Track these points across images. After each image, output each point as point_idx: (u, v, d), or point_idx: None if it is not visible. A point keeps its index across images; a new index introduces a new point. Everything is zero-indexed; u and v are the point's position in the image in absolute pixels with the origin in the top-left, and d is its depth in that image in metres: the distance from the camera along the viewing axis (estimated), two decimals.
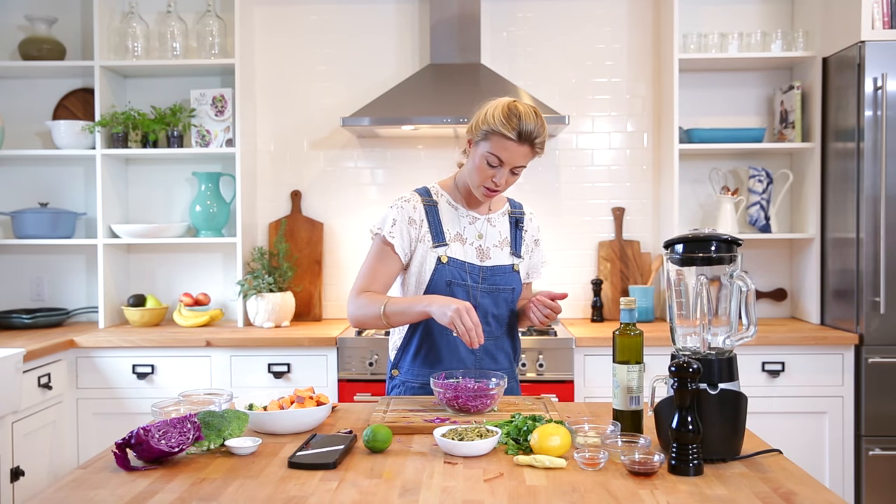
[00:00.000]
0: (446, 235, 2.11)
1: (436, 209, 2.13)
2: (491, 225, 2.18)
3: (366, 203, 3.85)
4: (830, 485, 3.20)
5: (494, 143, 1.98)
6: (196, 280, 3.88)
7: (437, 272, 2.09)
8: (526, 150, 2.00)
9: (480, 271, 2.11)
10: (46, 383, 3.08)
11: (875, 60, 3.15)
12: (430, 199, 2.15)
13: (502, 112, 1.97)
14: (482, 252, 2.14)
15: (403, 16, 3.84)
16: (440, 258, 2.09)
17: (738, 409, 1.58)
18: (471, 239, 2.14)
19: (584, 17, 3.82)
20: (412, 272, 2.12)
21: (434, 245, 2.10)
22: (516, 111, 1.97)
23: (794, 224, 3.73)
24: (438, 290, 2.08)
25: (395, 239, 2.08)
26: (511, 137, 1.96)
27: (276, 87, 3.88)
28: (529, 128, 1.96)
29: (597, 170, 3.84)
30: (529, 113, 1.98)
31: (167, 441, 1.55)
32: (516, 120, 1.96)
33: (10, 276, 3.86)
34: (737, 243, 1.63)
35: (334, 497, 1.39)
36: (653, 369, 2.88)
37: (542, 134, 2.00)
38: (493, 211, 2.20)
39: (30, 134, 3.84)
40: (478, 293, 2.10)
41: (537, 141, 1.99)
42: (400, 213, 2.10)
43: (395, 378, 2.18)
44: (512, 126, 1.95)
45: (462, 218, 2.15)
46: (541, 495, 1.39)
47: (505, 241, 2.18)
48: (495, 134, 1.97)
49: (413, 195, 2.15)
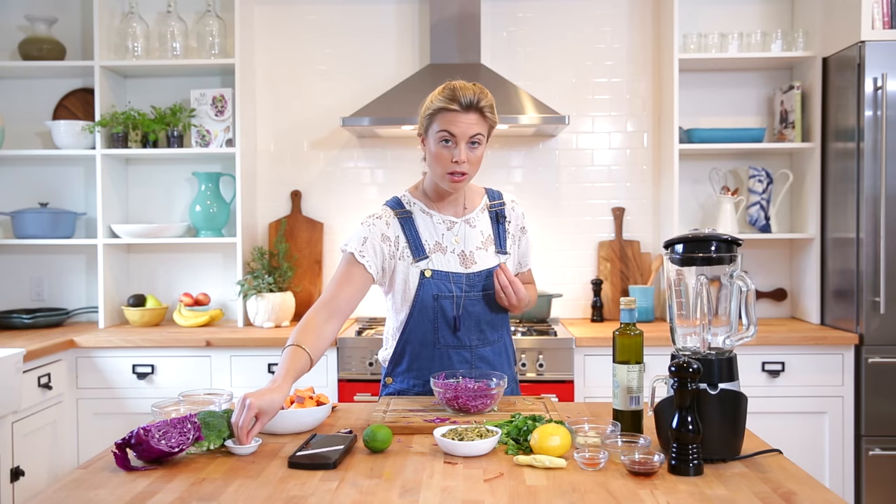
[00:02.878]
0: (426, 247, 2.06)
1: (411, 220, 2.08)
2: (470, 226, 2.11)
3: (366, 203, 3.85)
4: (830, 485, 3.20)
5: (441, 120, 1.96)
6: (196, 280, 3.88)
7: (423, 287, 2.04)
8: (474, 118, 1.96)
9: (466, 279, 2.06)
10: (46, 383, 3.08)
11: (875, 60, 3.15)
12: (404, 211, 2.09)
13: (439, 91, 1.98)
14: (465, 258, 2.08)
15: (403, 16, 3.84)
16: (423, 272, 2.04)
17: (738, 409, 1.58)
18: (451, 246, 2.08)
19: (584, 17, 3.83)
20: (397, 290, 2.07)
21: (415, 260, 2.05)
22: (452, 84, 1.97)
23: (794, 224, 3.73)
24: (426, 304, 2.04)
25: (366, 258, 2.01)
26: (454, 108, 1.94)
27: (276, 87, 3.88)
28: (468, 95, 1.94)
29: (597, 170, 3.84)
30: (466, 84, 1.97)
31: (167, 441, 1.55)
32: (452, 91, 1.95)
33: (10, 276, 3.86)
34: (737, 243, 1.63)
35: (334, 497, 1.39)
36: (653, 369, 2.89)
37: (485, 98, 1.97)
38: (469, 210, 2.12)
39: (30, 134, 3.85)
40: (466, 302, 2.06)
41: (483, 105, 1.96)
42: (371, 231, 2.03)
43: (390, 386, 2.15)
44: (451, 98, 1.94)
45: (438, 225, 2.09)
46: (541, 495, 1.39)
47: (488, 240, 2.12)
48: (439, 112, 1.96)
49: (385, 210, 2.09)
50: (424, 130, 2.02)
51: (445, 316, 2.05)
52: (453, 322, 2.05)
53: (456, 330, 2.06)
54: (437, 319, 2.05)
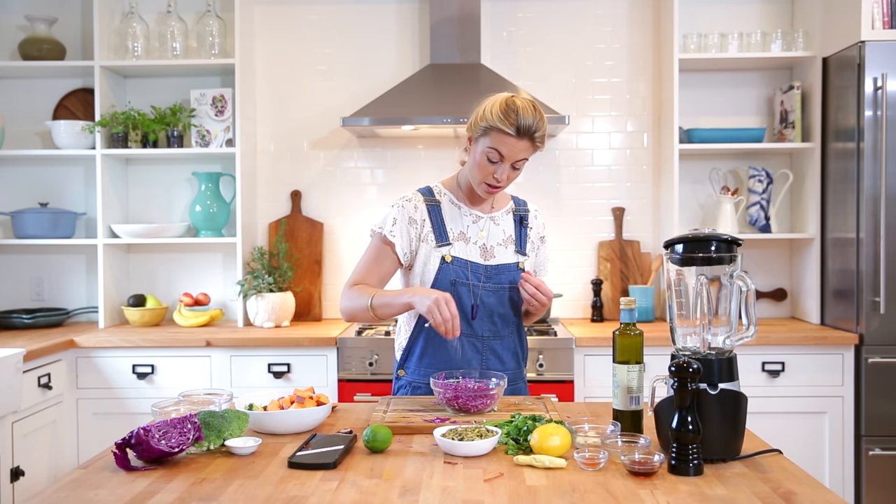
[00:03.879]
0: (450, 234, 2.11)
1: (438, 208, 2.13)
2: (494, 223, 2.17)
3: (366, 203, 3.85)
4: (830, 485, 3.20)
5: (494, 138, 1.98)
6: (196, 280, 3.88)
7: (442, 271, 2.08)
8: (525, 145, 1.99)
9: (485, 270, 2.11)
10: (46, 383, 3.08)
11: (875, 60, 3.15)
12: (433, 199, 2.14)
13: (500, 107, 1.97)
14: (486, 251, 2.13)
15: (403, 16, 3.84)
16: (444, 257, 2.09)
17: (738, 409, 1.58)
18: (474, 238, 2.14)
19: (584, 17, 3.83)
20: (416, 272, 2.12)
21: (438, 244, 2.10)
22: (514, 106, 1.96)
23: (794, 224, 3.73)
24: (442, 289, 2.07)
25: (396, 238, 2.09)
26: (510, 133, 1.95)
27: (276, 87, 3.88)
28: (528, 122, 1.95)
29: (597, 170, 3.84)
30: (527, 107, 1.97)
31: (167, 441, 1.55)
32: (514, 115, 1.95)
33: (10, 276, 3.86)
34: (737, 243, 1.63)
35: (334, 497, 1.39)
36: (653, 369, 2.88)
37: (542, 127, 1.99)
38: (496, 209, 2.19)
39: (30, 134, 3.84)
40: (482, 292, 2.10)
41: (537, 135, 1.98)
42: (401, 213, 2.10)
43: (402, 378, 2.17)
44: (510, 121, 1.95)
45: (465, 217, 2.15)
46: (541, 495, 1.39)
47: (509, 240, 2.17)
48: (494, 130, 1.97)
49: (415, 195, 2.15)
50: (475, 136, 2.04)
51: (461, 303, 2.07)
52: (470, 310, 2.09)
53: (473, 318, 2.09)
54: None
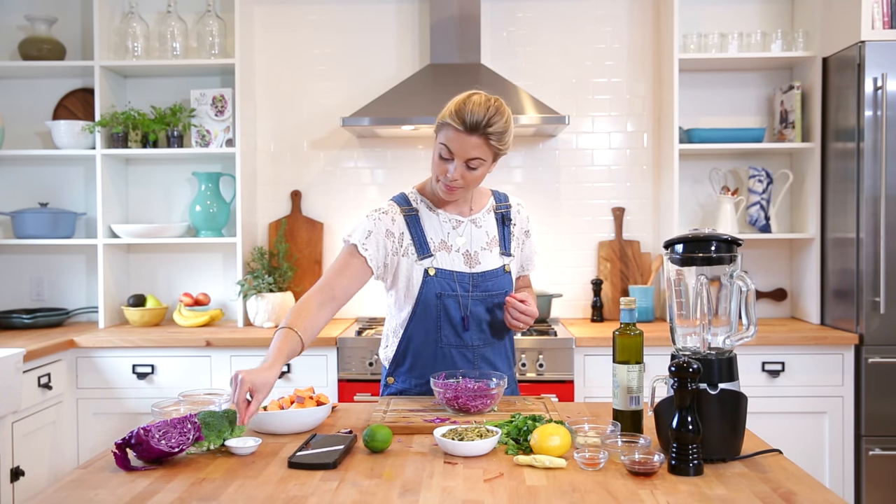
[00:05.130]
0: (430, 245, 2.04)
1: (416, 217, 2.06)
2: (476, 226, 2.10)
3: (366, 203, 3.85)
4: (830, 485, 3.20)
5: (444, 134, 1.93)
6: (196, 280, 3.88)
7: (426, 285, 2.03)
8: (477, 142, 1.89)
9: (471, 279, 2.05)
10: (46, 383, 3.08)
11: (875, 60, 3.15)
12: (410, 208, 2.07)
13: (455, 103, 1.92)
14: (470, 257, 2.07)
15: (403, 16, 3.84)
16: (427, 270, 2.03)
17: (738, 409, 1.58)
18: (456, 245, 2.07)
19: (584, 17, 3.82)
20: (400, 287, 2.06)
21: (419, 258, 2.03)
22: (468, 101, 1.90)
23: (794, 224, 3.73)
24: (429, 302, 2.02)
25: (368, 251, 2.00)
26: (457, 127, 1.89)
27: (276, 87, 3.88)
28: (476, 118, 1.87)
29: (597, 170, 3.84)
30: (481, 102, 1.89)
31: (167, 441, 1.55)
32: (462, 108, 1.89)
33: (10, 276, 3.86)
34: (737, 243, 1.63)
35: (334, 497, 1.39)
36: (653, 369, 2.88)
37: (495, 124, 1.89)
38: (475, 211, 2.11)
39: (30, 134, 3.84)
40: (469, 302, 2.05)
41: (489, 131, 1.88)
42: (377, 225, 2.02)
43: (392, 386, 2.14)
44: (459, 116, 1.89)
45: (444, 223, 2.07)
46: (541, 495, 1.39)
47: (493, 241, 2.11)
48: (445, 125, 1.92)
49: (391, 206, 2.07)
50: (435, 133, 1.99)
51: (449, 315, 2.04)
52: (461, 322, 2.05)
53: (465, 330, 2.05)
54: (439, 318, 2.05)
